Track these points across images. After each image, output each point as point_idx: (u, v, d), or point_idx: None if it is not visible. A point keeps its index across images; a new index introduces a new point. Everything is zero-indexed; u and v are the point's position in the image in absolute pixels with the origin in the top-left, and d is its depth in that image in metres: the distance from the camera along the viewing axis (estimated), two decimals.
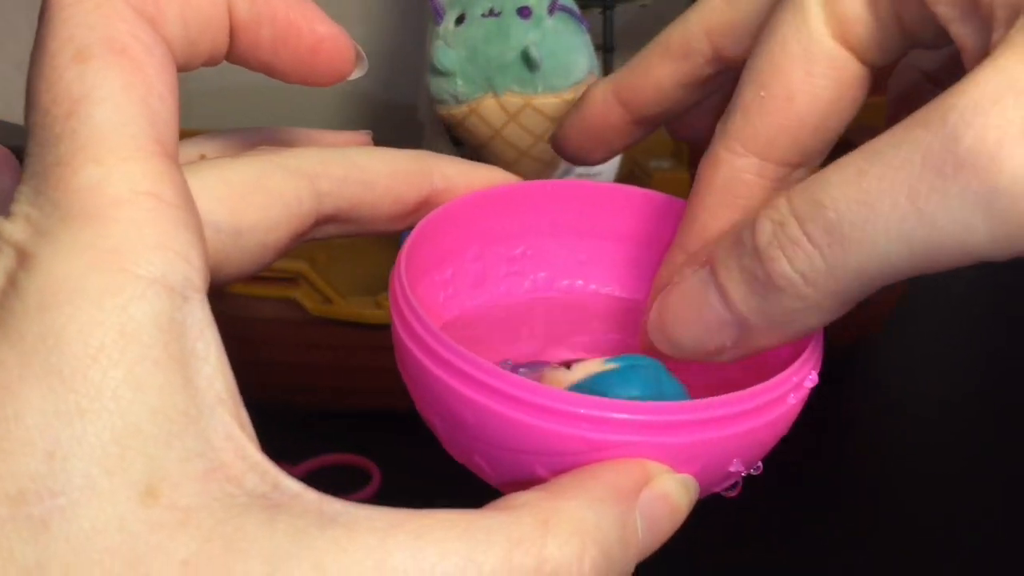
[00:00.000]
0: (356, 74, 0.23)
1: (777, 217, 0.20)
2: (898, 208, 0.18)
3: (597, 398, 0.21)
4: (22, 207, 0.17)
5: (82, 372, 0.16)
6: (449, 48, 0.48)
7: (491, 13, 0.48)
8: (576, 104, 0.28)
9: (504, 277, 0.28)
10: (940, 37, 0.21)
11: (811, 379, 0.22)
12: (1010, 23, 0.19)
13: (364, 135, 0.26)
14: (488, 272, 0.28)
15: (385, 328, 0.57)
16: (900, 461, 0.58)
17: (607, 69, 0.53)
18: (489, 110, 0.48)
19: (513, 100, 0.48)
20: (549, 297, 0.28)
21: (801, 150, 0.23)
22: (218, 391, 0.17)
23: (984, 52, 0.19)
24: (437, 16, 0.49)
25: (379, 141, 0.26)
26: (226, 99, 0.71)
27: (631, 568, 0.20)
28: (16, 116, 0.54)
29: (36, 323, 0.16)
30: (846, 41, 0.22)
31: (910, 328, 0.68)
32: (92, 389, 0.16)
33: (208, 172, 0.21)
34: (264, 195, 0.22)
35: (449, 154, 0.54)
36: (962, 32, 0.20)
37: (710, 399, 0.21)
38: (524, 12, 0.48)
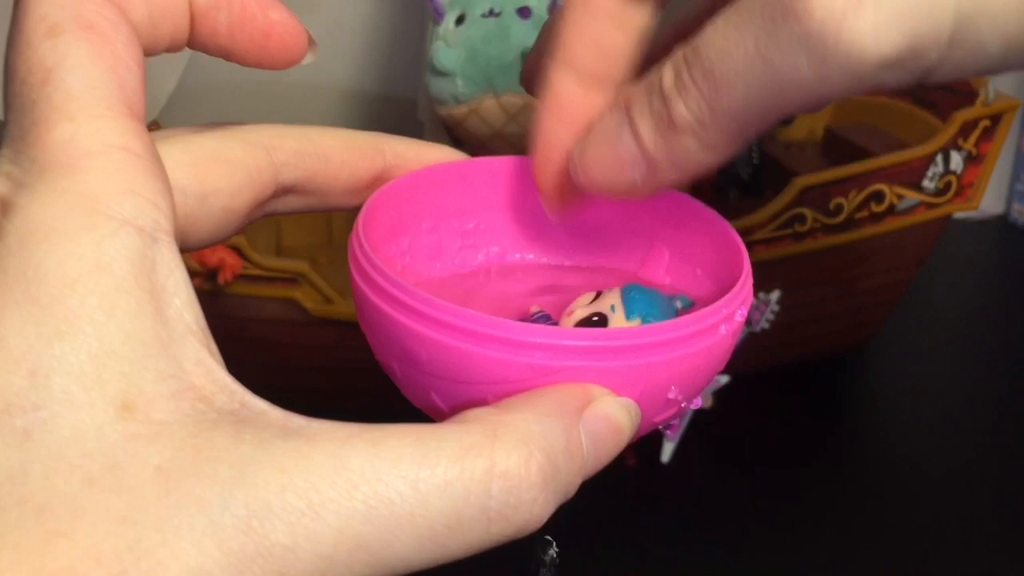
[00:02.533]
0: (308, 59, 0.25)
1: (675, 64, 0.22)
2: (748, 54, 0.21)
3: (540, 326, 0.22)
4: (2, 166, 0.19)
5: (60, 299, 0.18)
6: (449, 48, 0.48)
7: (491, 13, 0.48)
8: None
9: (459, 250, 0.30)
10: None
11: (740, 314, 0.24)
12: None
13: None
14: (443, 245, 0.29)
15: None
16: (899, 462, 0.58)
17: None
18: (489, 110, 0.48)
19: (513, 100, 0.48)
20: (501, 267, 0.30)
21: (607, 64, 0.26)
22: (188, 322, 0.19)
23: None
24: (437, 16, 0.49)
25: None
26: (225, 98, 0.71)
27: (577, 479, 0.21)
28: None
29: (17, 259, 0.18)
30: None
31: (908, 331, 0.68)
32: (70, 314, 0.18)
33: (172, 142, 0.23)
34: (225, 163, 0.23)
35: None
36: None
37: (645, 326, 0.22)
38: (524, 12, 0.48)
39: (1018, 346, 0.68)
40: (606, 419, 0.22)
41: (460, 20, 0.48)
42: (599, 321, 0.25)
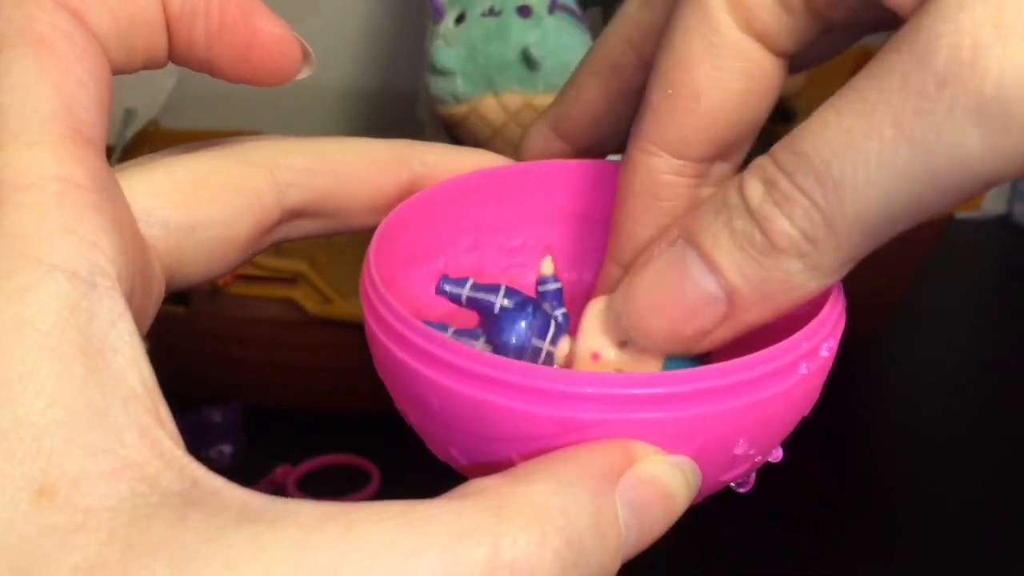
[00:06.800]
0: (303, 74, 0.21)
1: (764, 175, 0.19)
2: (886, 141, 0.17)
3: (567, 371, 0.18)
4: None
5: None
6: (449, 47, 0.48)
7: (491, 12, 0.48)
8: (518, 147, 0.26)
9: (504, 270, 0.26)
10: (850, 17, 0.20)
11: (828, 347, 0.20)
12: None
13: None
14: (485, 265, 0.25)
15: None
16: (901, 461, 0.57)
17: None
18: (489, 109, 0.48)
19: (513, 99, 0.47)
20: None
21: (716, 145, 0.22)
22: (131, 384, 0.16)
23: None
24: (437, 15, 0.49)
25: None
26: (228, 95, 0.70)
27: (612, 563, 0.17)
28: None
29: None
30: (753, 30, 0.20)
31: (910, 331, 0.68)
32: None
33: (154, 166, 0.20)
34: (217, 188, 0.21)
35: None
36: None
37: (703, 367, 0.18)
38: (524, 11, 0.48)
39: (1019, 346, 0.67)
40: (652, 484, 0.18)
41: (460, 19, 0.48)
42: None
